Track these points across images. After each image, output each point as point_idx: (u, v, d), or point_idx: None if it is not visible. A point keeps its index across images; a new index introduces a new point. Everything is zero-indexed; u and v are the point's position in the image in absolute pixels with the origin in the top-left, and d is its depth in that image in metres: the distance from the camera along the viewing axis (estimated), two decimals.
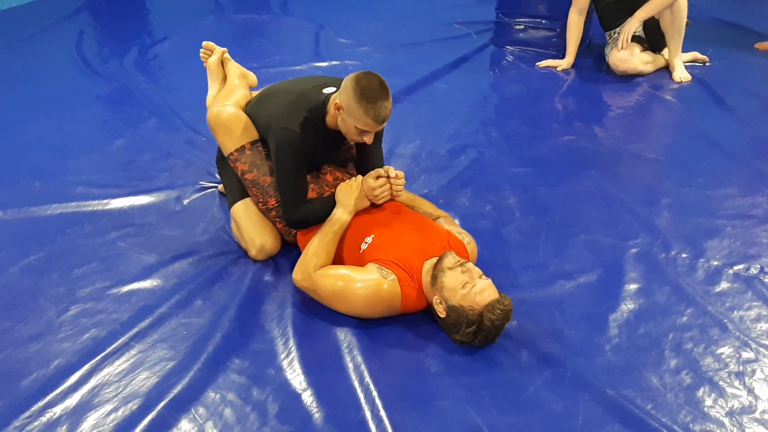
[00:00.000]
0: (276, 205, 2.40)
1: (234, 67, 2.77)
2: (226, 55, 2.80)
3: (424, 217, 2.34)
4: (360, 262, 2.17)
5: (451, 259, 2.05)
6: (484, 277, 2.04)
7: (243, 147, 2.43)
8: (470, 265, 2.06)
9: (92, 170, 2.99)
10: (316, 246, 2.20)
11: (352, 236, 2.24)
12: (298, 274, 2.19)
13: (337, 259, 2.25)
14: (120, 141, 3.27)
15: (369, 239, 2.19)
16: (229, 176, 2.54)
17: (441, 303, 2.03)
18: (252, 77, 2.82)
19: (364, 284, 2.07)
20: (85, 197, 2.77)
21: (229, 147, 2.45)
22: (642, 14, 3.92)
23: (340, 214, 2.25)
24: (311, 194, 2.36)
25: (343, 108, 2.18)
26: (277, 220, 2.43)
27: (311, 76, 2.55)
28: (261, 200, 2.42)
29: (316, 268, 2.16)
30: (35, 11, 5.19)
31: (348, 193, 2.27)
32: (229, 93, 2.60)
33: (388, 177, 2.29)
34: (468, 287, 1.98)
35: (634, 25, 3.94)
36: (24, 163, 3.04)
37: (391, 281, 2.06)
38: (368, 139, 2.23)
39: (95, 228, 2.59)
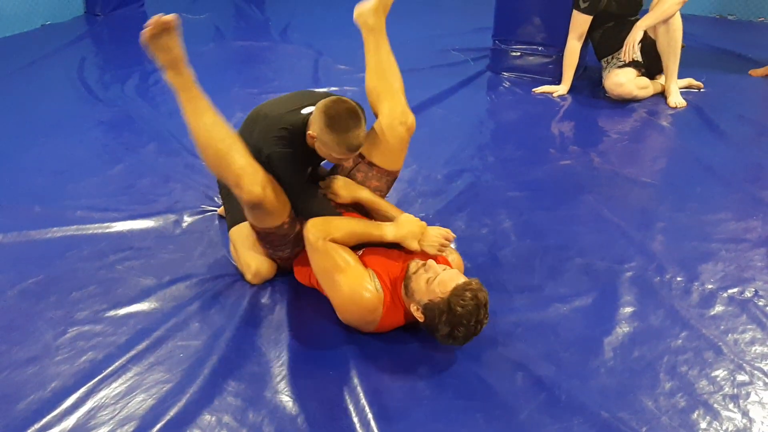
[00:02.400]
0: (288, 254, 2.39)
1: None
2: None
3: None
4: None
5: (413, 265, 2.09)
6: (448, 269, 2.07)
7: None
8: (431, 262, 2.08)
9: (92, 194, 3.02)
10: (349, 228, 2.19)
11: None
12: (316, 229, 2.15)
13: None
14: (120, 165, 3.30)
15: (359, 252, 2.23)
16: (230, 198, 2.54)
17: (417, 309, 2.04)
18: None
19: (353, 282, 2.07)
20: (85, 221, 2.78)
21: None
22: (644, 23, 3.97)
23: (388, 230, 2.24)
24: None
25: (317, 138, 2.18)
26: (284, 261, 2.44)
27: (291, 94, 2.48)
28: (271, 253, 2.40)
29: (335, 238, 2.14)
30: (38, 38, 5.25)
31: (409, 222, 2.25)
32: (230, 156, 2.34)
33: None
34: (431, 281, 2.01)
35: (638, 34, 3.97)
36: (24, 187, 3.07)
37: (378, 298, 2.07)
38: (347, 164, 2.28)
39: (94, 251, 2.60)
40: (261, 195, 2.15)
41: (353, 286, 2.08)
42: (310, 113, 2.26)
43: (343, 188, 2.36)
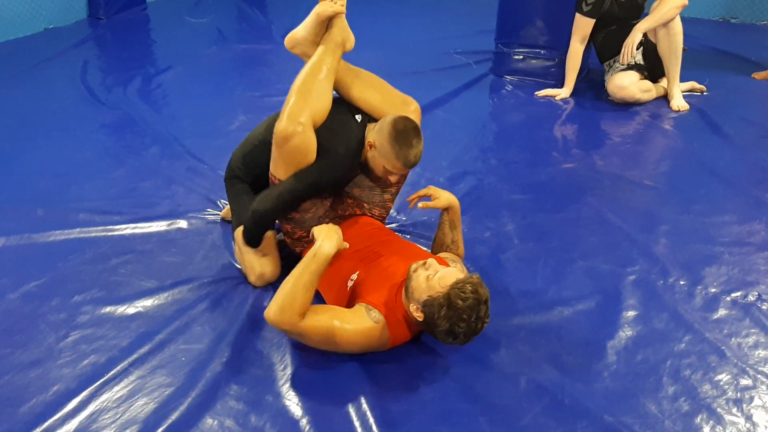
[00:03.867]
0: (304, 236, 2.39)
1: (338, 33, 2.47)
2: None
3: (410, 245, 2.37)
4: (347, 297, 2.15)
5: (413, 266, 2.04)
6: (449, 267, 2.04)
7: None
8: (431, 260, 2.04)
9: (94, 197, 3.02)
10: (300, 287, 1.99)
11: (338, 272, 2.20)
12: (277, 315, 1.96)
13: (324, 295, 2.25)
14: (122, 168, 3.30)
15: (354, 276, 2.18)
16: (236, 198, 2.54)
17: (417, 308, 1.98)
18: (351, 42, 2.56)
19: (354, 331, 2.00)
20: (87, 224, 2.79)
21: (280, 173, 2.30)
22: (644, 25, 3.97)
23: (324, 247, 2.06)
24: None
25: (376, 147, 2.25)
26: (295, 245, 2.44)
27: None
28: (289, 229, 2.41)
29: (302, 310, 1.98)
30: (41, 41, 5.27)
31: (317, 231, 2.14)
32: (306, 97, 2.28)
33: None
34: (431, 278, 1.97)
35: (637, 36, 3.98)
36: (27, 190, 3.07)
37: (381, 325, 2.03)
38: (393, 179, 2.32)
39: (96, 254, 2.60)
40: (291, 133, 2.19)
41: (355, 331, 2.00)
42: (362, 120, 2.37)
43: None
